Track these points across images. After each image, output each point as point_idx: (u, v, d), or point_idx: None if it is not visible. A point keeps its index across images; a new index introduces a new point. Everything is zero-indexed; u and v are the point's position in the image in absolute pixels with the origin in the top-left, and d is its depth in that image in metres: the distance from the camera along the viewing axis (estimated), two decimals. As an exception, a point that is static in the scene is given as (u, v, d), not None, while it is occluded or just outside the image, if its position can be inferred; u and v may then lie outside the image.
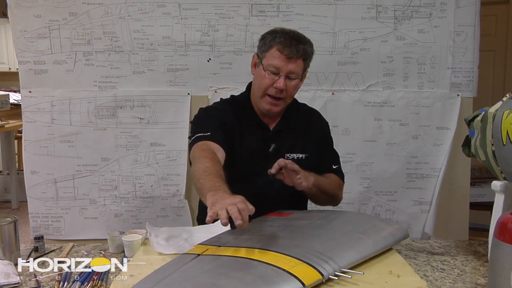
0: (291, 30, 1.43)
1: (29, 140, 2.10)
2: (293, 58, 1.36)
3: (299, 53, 1.37)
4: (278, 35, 1.39)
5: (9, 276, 1.07)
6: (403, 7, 2.10)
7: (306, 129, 1.53)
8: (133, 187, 2.13)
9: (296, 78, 1.39)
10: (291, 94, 1.43)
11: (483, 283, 1.07)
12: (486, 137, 1.17)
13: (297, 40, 1.38)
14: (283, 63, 1.37)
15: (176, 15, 2.07)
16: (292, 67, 1.37)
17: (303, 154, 1.49)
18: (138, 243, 1.25)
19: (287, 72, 1.37)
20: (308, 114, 1.58)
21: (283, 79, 1.37)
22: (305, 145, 1.50)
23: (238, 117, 1.48)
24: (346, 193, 2.15)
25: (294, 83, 1.40)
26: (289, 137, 1.49)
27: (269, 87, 1.40)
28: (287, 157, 1.46)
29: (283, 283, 0.89)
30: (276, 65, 1.37)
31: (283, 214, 1.39)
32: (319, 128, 1.57)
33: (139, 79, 2.10)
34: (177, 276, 0.96)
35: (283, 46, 1.36)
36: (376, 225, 1.27)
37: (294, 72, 1.38)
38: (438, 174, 2.16)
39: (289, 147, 1.48)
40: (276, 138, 1.48)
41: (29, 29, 2.04)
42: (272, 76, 1.38)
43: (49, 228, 2.13)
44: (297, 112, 1.55)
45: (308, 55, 1.40)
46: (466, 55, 2.13)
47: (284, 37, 1.38)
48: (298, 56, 1.37)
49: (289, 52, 1.36)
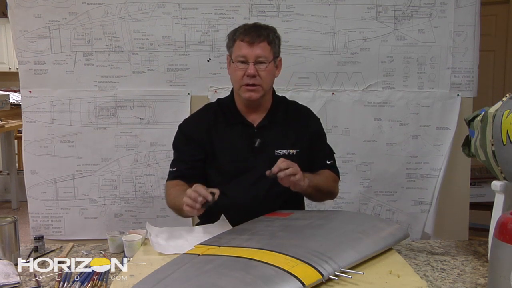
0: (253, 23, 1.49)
1: (29, 140, 2.10)
2: (256, 42, 1.40)
3: (261, 37, 1.41)
4: (239, 29, 1.45)
5: (9, 276, 1.07)
6: (403, 7, 2.10)
7: (296, 125, 1.53)
8: (133, 187, 2.13)
9: (266, 61, 1.41)
10: (267, 79, 1.44)
11: (483, 283, 1.07)
12: (486, 137, 1.17)
13: (257, 27, 1.44)
14: (248, 50, 1.40)
15: (176, 15, 2.07)
16: (258, 51, 1.40)
17: (294, 150, 1.49)
18: (138, 243, 1.25)
19: (255, 57, 1.40)
20: (297, 111, 1.59)
21: (252, 65, 1.40)
22: (295, 140, 1.50)
23: (222, 118, 1.52)
24: (346, 193, 2.17)
25: (265, 67, 1.42)
26: (275, 132, 1.50)
27: (242, 77, 1.42)
28: (277, 153, 1.47)
29: (283, 283, 0.89)
30: (242, 54, 1.41)
31: (283, 214, 1.39)
32: (311, 124, 1.58)
33: (139, 79, 2.10)
34: (177, 276, 0.96)
35: (244, 35, 1.42)
36: (376, 225, 1.27)
37: (261, 56, 1.41)
38: (438, 174, 2.16)
39: (278, 142, 1.49)
40: (261, 134, 1.49)
41: (29, 29, 2.05)
42: (242, 65, 1.42)
43: (49, 228, 2.13)
44: (286, 108, 1.56)
45: (271, 39, 1.43)
46: (466, 55, 2.13)
47: (244, 27, 1.44)
48: (261, 40, 1.41)
49: (250, 38, 1.40)
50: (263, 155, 1.46)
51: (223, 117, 1.52)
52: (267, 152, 1.47)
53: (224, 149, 1.49)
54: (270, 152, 1.47)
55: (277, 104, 1.54)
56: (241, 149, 1.48)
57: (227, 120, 1.51)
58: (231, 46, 1.45)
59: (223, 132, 1.50)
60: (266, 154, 1.46)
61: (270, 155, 1.46)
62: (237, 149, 1.48)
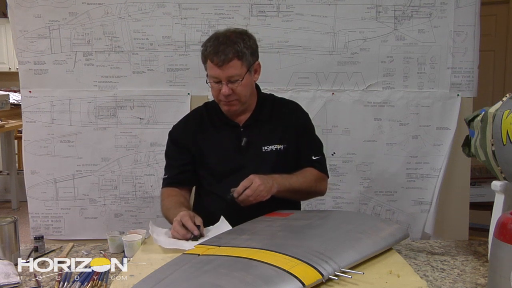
0: (225, 32, 1.42)
1: (29, 140, 2.10)
2: (225, 64, 1.36)
3: (229, 56, 1.36)
4: (208, 44, 1.40)
5: (9, 276, 1.07)
6: (403, 7, 2.10)
7: (283, 120, 1.53)
8: (133, 187, 2.13)
9: (239, 79, 1.39)
10: (243, 93, 1.43)
11: (483, 283, 1.07)
12: (486, 137, 1.17)
13: (225, 44, 1.37)
14: (218, 72, 1.38)
15: (176, 15, 2.07)
16: (228, 72, 1.37)
17: (282, 145, 1.50)
18: (138, 243, 1.25)
19: (226, 78, 1.38)
20: (284, 106, 1.58)
21: (225, 85, 1.39)
22: (282, 136, 1.51)
23: (208, 121, 1.53)
24: (346, 193, 2.18)
25: (239, 84, 1.40)
26: (262, 130, 1.50)
27: (218, 95, 1.43)
28: (265, 150, 1.48)
29: (283, 283, 0.89)
30: (214, 75, 1.39)
31: (283, 214, 1.39)
32: (297, 118, 1.57)
33: (139, 79, 2.10)
34: (177, 276, 0.96)
35: (212, 55, 1.37)
36: (376, 225, 1.26)
37: (233, 75, 1.38)
38: (438, 174, 2.16)
39: (265, 139, 1.49)
40: (247, 132, 1.49)
41: (29, 29, 2.05)
42: (216, 85, 1.41)
43: (49, 228, 2.13)
44: (272, 105, 1.55)
45: (241, 53, 1.38)
46: (466, 55, 2.13)
47: (213, 44, 1.38)
48: (230, 59, 1.36)
49: (219, 60, 1.36)
50: (250, 154, 1.47)
51: (209, 119, 1.53)
52: (255, 150, 1.48)
53: (212, 151, 1.50)
54: (258, 150, 1.48)
55: (263, 103, 1.54)
56: (229, 149, 1.49)
57: (213, 122, 1.53)
58: (203, 61, 1.43)
59: (210, 134, 1.52)
60: (254, 152, 1.48)
61: (257, 152, 1.48)
62: (225, 149, 1.49)
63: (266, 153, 1.48)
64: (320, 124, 2.12)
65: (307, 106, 2.09)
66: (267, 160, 1.48)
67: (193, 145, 1.52)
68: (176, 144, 1.56)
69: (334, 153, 2.14)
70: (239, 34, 1.42)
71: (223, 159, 1.49)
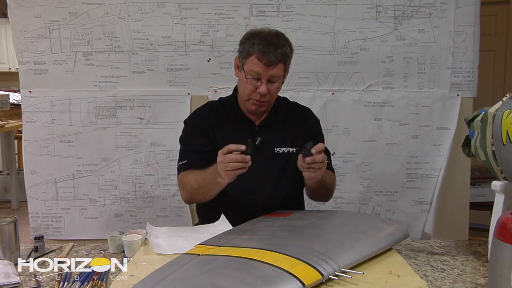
0: (269, 33, 1.43)
1: (29, 140, 2.10)
2: (272, 65, 1.38)
3: (278, 58, 1.38)
4: (256, 42, 1.39)
5: (9, 276, 1.07)
6: (403, 7, 2.10)
7: (296, 125, 1.55)
8: (133, 187, 2.13)
9: (278, 80, 1.42)
10: (275, 95, 1.47)
11: (483, 283, 1.07)
12: (486, 137, 1.17)
13: (275, 46, 1.38)
14: (263, 69, 1.38)
15: (176, 15, 2.07)
16: (272, 72, 1.39)
17: (294, 148, 1.51)
18: (138, 243, 1.25)
19: (268, 77, 1.39)
20: (298, 111, 1.61)
21: (265, 84, 1.39)
22: (294, 139, 1.52)
23: (224, 116, 1.52)
24: (346, 193, 2.18)
25: (277, 85, 1.42)
26: (276, 132, 1.52)
27: (252, 92, 1.42)
28: (277, 151, 1.49)
29: (283, 283, 0.89)
30: (257, 71, 1.39)
31: (283, 214, 1.39)
32: (310, 124, 1.59)
33: (139, 79, 2.10)
34: (177, 276, 0.96)
35: (261, 53, 1.37)
36: (376, 225, 1.27)
37: (275, 75, 1.40)
38: (438, 174, 2.16)
39: (277, 141, 1.51)
40: (262, 132, 1.50)
41: (29, 29, 2.04)
42: (254, 82, 1.41)
43: (49, 228, 2.13)
44: (286, 109, 1.57)
45: (287, 57, 1.42)
46: (466, 55, 2.13)
47: (263, 43, 1.38)
48: (277, 62, 1.38)
49: (268, 60, 1.37)
50: (263, 153, 1.47)
51: (225, 115, 1.53)
52: (267, 150, 1.48)
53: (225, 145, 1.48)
54: (270, 150, 1.49)
55: (279, 105, 1.55)
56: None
57: (229, 117, 1.52)
58: (245, 56, 1.41)
59: (225, 128, 1.51)
60: (266, 152, 1.48)
61: (270, 153, 1.49)
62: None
63: (278, 154, 1.50)
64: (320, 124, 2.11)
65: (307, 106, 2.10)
66: (278, 162, 1.49)
67: (211, 132, 1.50)
68: (196, 130, 1.52)
69: (334, 153, 2.14)
70: (284, 37, 1.43)
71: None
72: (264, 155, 1.47)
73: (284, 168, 1.49)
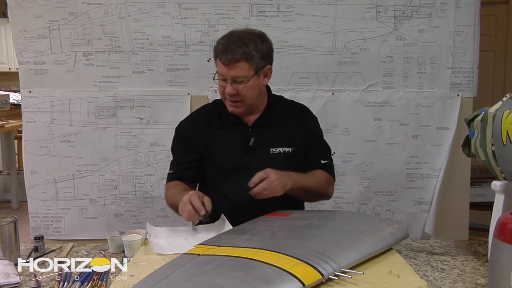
0: (238, 31, 1.41)
1: (29, 140, 2.10)
2: (231, 64, 1.36)
3: (236, 57, 1.35)
4: (220, 42, 1.39)
5: (9, 276, 1.07)
6: (403, 7, 2.10)
7: (292, 123, 1.53)
8: (133, 187, 2.13)
9: (244, 81, 1.38)
10: (248, 95, 1.41)
11: (483, 283, 1.07)
12: (486, 137, 1.17)
13: (236, 44, 1.36)
14: (225, 70, 1.38)
15: (176, 15, 2.07)
16: (234, 72, 1.37)
17: (290, 148, 1.49)
18: (138, 243, 1.25)
19: (231, 77, 1.38)
20: (294, 109, 1.58)
21: (229, 85, 1.38)
22: (291, 139, 1.50)
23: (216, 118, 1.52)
24: (346, 193, 2.17)
25: (244, 86, 1.39)
26: (270, 131, 1.50)
27: (223, 93, 1.42)
28: (272, 152, 1.48)
29: (283, 283, 0.89)
30: (221, 73, 1.39)
31: (283, 214, 1.39)
32: (307, 122, 1.57)
33: (139, 79, 2.10)
34: (177, 276, 0.96)
35: (221, 53, 1.37)
36: (376, 225, 1.26)
37: (238, 76, 1.37)
38: (438, 174, 2.16)
39: (273, 141, 1.49)
40: (256, 133, 1.49)
41: (29, 29, 2.05)
42: (222, 82, 1.40)
43: (49, 228, 2.13)
44: (281, 108, 1.55)
45: (251, 56, 1.36)
46: (466, 55, 2.13)
47: (224, 43, 1.38)
48: (237, 60, 1.35)
49: (226, 59, 1.36)
50: (258, 154, 1.47)
51: (218, 117, 1.53)
52: (262, 151, 1.48)
53: (220, 149, 1.50)
54: (265, 151, 1.48)
55: (273, 104, 1.54)
56: (236, 149, 1.49)
57: (222, 120, 1.52)
58: (214, 58, 1.42)
59: (218, 132, 1.51)
60: (261, 153, 1.47)
61: (265, 153, 1.48)
62: (232, 148, 1.49)
63: (273, 155, 1.48)
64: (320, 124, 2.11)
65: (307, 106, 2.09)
66: (275, 162, 1.46)
67: (200, 142, 1.51)
68: (182, 140, 1.55)
69: (334, 153, 2.14)
70: (253, 36, 1.40)
71: (230, 158, 1.49)
72: (259, 156, 1.46)
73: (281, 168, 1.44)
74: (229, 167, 1.48)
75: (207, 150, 1.50)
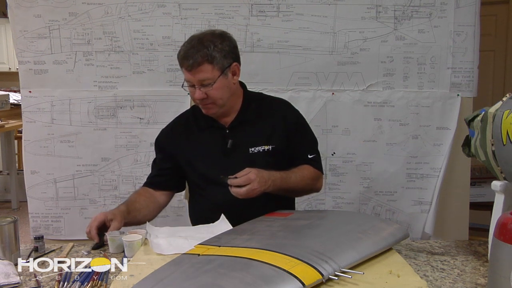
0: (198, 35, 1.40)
1: (29, 140, 2.10)
2: (194, 68, 1.35)
3: (197, 60, 1.34)
4: (181, 49, 1.39)
5: (9, 276, 1.07)
6: (403, 7, 2.10)
7: (271, 119, 1.50)
8: (133, 187, 2.13)
9: (211, 82, 1.37)
10: (218, 96, 1.40)
11: (483, 283, 1.07)
12: (486, 137, 1.17)
13: (196, 48, 1.35)
14: (189, 76, 1.37)
15: (176, 15, 2.07)
16: (198, 76, 1.36)
17: (269, 146, 1.47)
18: (138, 243, 1.25)
19: (197, 82, 1.37)
20: (272, 105, 1.55)
21: (198, 89, 1.38)
22: (270, 136, 1.48)
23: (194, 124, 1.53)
24: (346, 193, 2.18)
25: (212, 88, 1.38)
26: (248, 131, 1.48)
27: (194, 98, 1.42)
28: (252, 151, 1.46)
29: (283, 283, 0.89)
30: (187, 79, 1.39)
31: (283, 214, 1.39)
32: (287, 117, 1.53)
33: (139, 79, 2.10)
34: (177, 276, 0.96)
35: (183, 59, 1.36)
36: (376, 225, 1.26)
37: (203, 79, 1.36)
38: (438, 174, 2.16)
39: (251, 141, 1.47)
40: (233, 134, 1.48)
41: (29, 29, 2.05)
42: (191, 88, 1.41)
43: (49, 228, 2.13)
44: (258, 105, 1.52)
45: (212, 57, 1.35)
46: (466, 55, 2.13)
47: (185, 48, 1.37)
48: (199, 63, 1.34)
49: (188, 65, 1.35)
50: (237, 156, 1.46)
51: (195, 123, 1.53)
52: (241, 151, 1.46)
53: (199, 154, 1.49)
54: (245, 151, 1.46)
55: (248, 103, 1.51)
56: (215, 153, 1.48)
57: (200, 125, 1.52)
58: (180, 66, 1.41)
59: (197, 138, 1.51)
60: (241, 154, 1.46)
61: (244, 154, 1.46)
62: (211, 153, 1.48)
63: (253, 154, 1.46)
64: (320, 124, 2.12)
65: (307, 106, 2.10)
66: (255, 162, 1.43)
67: (179, 152, 1.52)
68: (159, 150, 1.59)
69: (334, 153, 2.15)
70: (212, 37, 1.39)
71: (210, 162, 1.47)
72: (239, 157, 1.45)
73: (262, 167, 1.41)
74: (211, 172, 1.46)
75: (186, 157, 1.51)
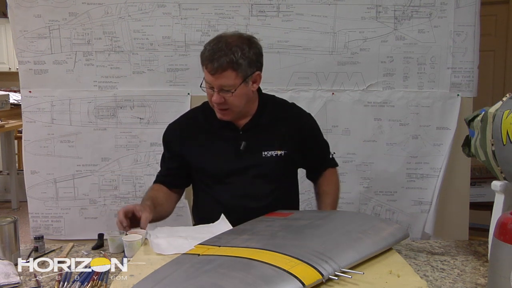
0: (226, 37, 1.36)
1: (29, 140, 2.10)
2: (217, 73, 1.32)
3: (223, 66, 1.31)
4: (206, 49, 1.35)
5: (9, 276, 1.07)
6: (403, 7, 2.10)
7: (285, 125, 1.49)
8: (133, 187, 2.13)
9: (231, 89, 1.34)
10: (236, 103, 1.38)
11: (483, 283, 1.07)
12: (486, 137, 1.17)
13: (222, 52, 1.31)
14: (211, 79, 1.34)
15: (176, 15, 2.07)
16: (221, 81, 1.33)
17: (282, 151, 1.46)
18: (138, 243, 1.25)
19: (218, 86, 1.34)
20: (285, 110, 1.54)
21: (216, 93, 1.35)
22: (283, 141, 1.47)
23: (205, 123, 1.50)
24: (346, 193, 2.17)
25: (231, 95, 1.35)
26: (262, 135, 1.47)
27: (211, 100, 1.39)
28: (264, 155, 1.45)
29: (283, 283, 0.89)
30: (208, 81, 1.36)
31: (283, 214, 1.39)
32: (302, 123, 1.54)
33: (139, 79, 2.10)
34: (177, 276, 0.96)
35: (207, 61, 1.33)
36: (376, 225, 1.26)
37: (224, 85, 1.34)
38: (438, 174, 2.16)
39: (265, 144, 1.46)
40: (247, 136, 1.46)
41: (29, 29, 2.05)
42: (210, 90, 1.37)
43: (49, 228, 2.13)
44: (273, 109, 1.51)
45: (238, 64, 1.32)
46: (466, 55, 2.13)
47: (210, 51, 1.33)
48: (223, 69, 1.31)
49: (212, 69, 1.32)
50: (250, 158, 1.45)
51: (206, 121, 1.50)
52: (254, 154, 1.45)
53: (209, 154, 1.47)
54: (257, 154, 1.45)
55: (263, 107, 1.50)
56: (227, 153, 1.46)
57: (211, 124, 1.48)
58: (201, 65, 1.37)
59: (207, 136, 1.49)
60: (253, 157, 1.45)
61: (257, 157, 1.45)
62: (223, 152, 1.46)
63: (266, 158, 1.45)
64: (320, 124, 2.08)
65: (307, 106, 2.09)
66: (267, 166, 1.44)
67: (186, 151, 1.49)
68: (167, 148, 1.57)
69: (334, 153, 2.14)
70: (241, 42, 1.35)
71: (222, 162, 1.46)
72: (251, 160, 1.44)
73: (273, 172, 1.45)
74: (220, 172, 1.46)
75: (195, 156, 1.48)
